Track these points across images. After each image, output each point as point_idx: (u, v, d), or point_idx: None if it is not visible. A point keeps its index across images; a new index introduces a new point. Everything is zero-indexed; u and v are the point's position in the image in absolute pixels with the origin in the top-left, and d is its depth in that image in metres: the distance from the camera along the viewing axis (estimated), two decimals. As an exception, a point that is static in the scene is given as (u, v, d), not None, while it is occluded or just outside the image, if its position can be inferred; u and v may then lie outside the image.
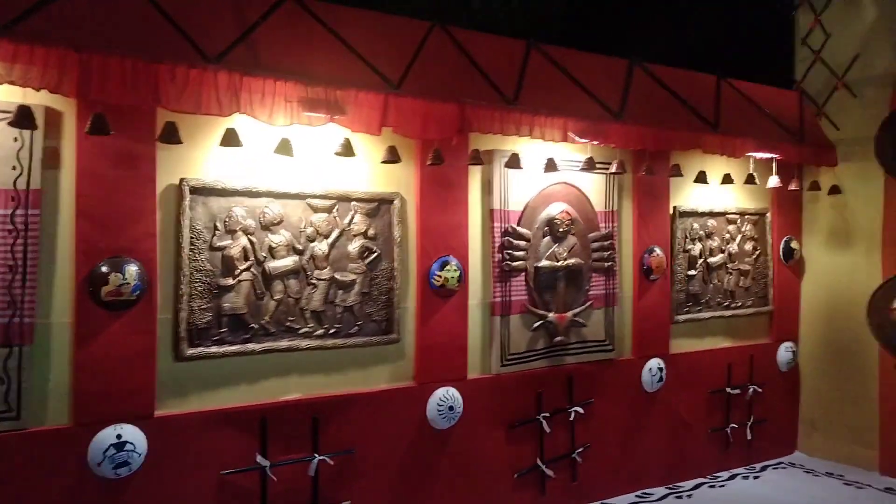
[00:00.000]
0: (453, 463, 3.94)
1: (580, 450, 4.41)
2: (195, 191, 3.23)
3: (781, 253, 5.50)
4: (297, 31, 3.34)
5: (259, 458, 3.30)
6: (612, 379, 4.62)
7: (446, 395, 3.85)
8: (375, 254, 3.73)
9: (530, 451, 4.24)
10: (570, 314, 4.40)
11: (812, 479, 5.08)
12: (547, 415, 4.25)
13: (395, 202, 3.79)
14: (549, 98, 4.04)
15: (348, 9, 3.62)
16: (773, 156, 5.03)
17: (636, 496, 4.67)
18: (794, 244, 5.55)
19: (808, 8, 5.61)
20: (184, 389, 3.23)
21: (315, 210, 3.58)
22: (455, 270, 3.91)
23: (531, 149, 4.17)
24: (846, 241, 5.38)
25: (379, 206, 3.76)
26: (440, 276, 3.87)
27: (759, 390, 5.31)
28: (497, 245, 4.15)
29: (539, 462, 4.24)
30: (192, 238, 3.23)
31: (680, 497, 4.70)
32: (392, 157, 3.60)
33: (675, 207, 4.94)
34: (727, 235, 5.25)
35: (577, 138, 4.06)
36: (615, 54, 4.61)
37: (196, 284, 3.24)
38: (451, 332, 3.95)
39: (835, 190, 5.38)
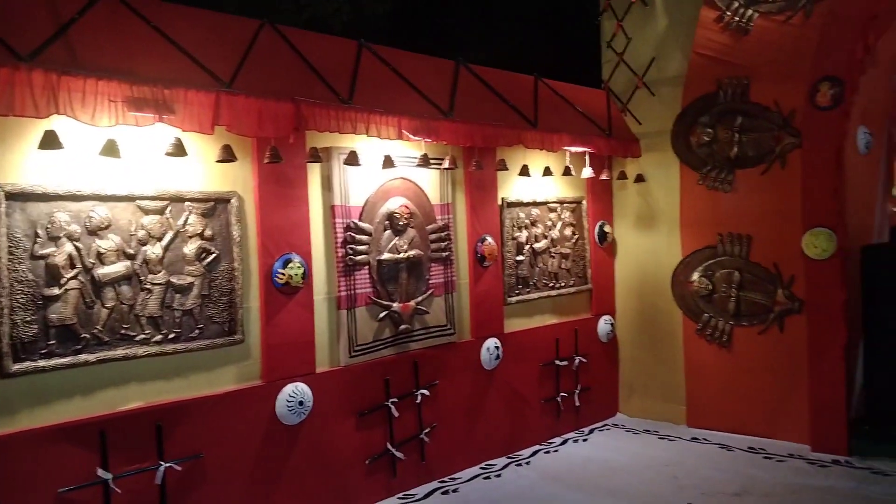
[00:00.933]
0: (306, 456, 4.01)
1: (427, 430, 4.65)
2: (12, 196, 3.04)
3: (596, 236, 6.07)
4: (120, 28, 3.23)
5: (100, 472, 3.18)
6: (454, 360, 4.90)
7: (296, 391, 3.91)
8: (214, 255, 3.70)
9: (381, 436, 4.41)
10: (413, 303, 4.61)
11: (633, 437, 5.69)
12: (395, 400, 4.44)
13: (232, 201, 3.77)
14: (383, 97, 4.20)
15: (174, 6, 3.54)
16: (586, 149, 5.54)
17: (480, 468, 4.99)
18: (607, 228, 6.14)
19: (612, 14, 6.21)
20: (11, 407, 3.04)
21: (146, 212, 3.48)
22: (299, 267, 3.96)
23: (369, 145, 4.31)
24: (651, 224, 6.04)
25: (215, 205, 3.72)
26: (284, 274, 3.90)
27: (584, 361, 5.84)
28: (340, 240, 4.25)
29: (389, 446, 4.42)
30: (10, 247, 3.03)
31: (519, 465, 5.10)
32: (227, 155, 3.58)
33: (502, 199, 5.30)
34: (549, 222, 5.71)
35: (410, 136, 4.25)
36: (441, 55, 4.86)
37: (18, 296, 3.05)
38: (297, 329, 4.01)
39: (640, 178, 6.03)
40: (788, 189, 5.19)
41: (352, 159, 4.11)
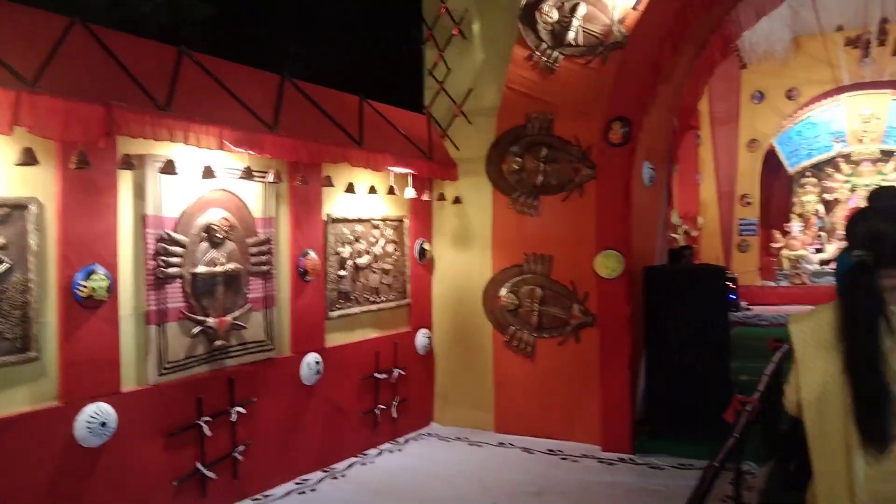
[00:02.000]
0: (107, 480, 3.76)
1: (241, 448, 4.55)
2: None
3: (416, 253, 6.32)
4: None
5: None
6: (272, 376, 4.85)
7: (98, 412, 3.67)
8: (5, 265, 3.40)
9: (191, 456, 4.25)
10: (230, 318, 4.51)
11: (445, 445, 5.97)
12: (208, 419, 4.30)
13: (30, 208, 3.49)
14: (204, 106, 4.11)
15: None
16: (409, 170, 5.78)
17: (295, 483, 4.97)
18: (426, 246, 6.42)
19: (434, 44, 6.54)
20: None
21: (-74, 216, 3.13)
22: (103, 280, 3.74)
23: (188, 154, 4.18)
24: (466, 243, 6.40)
25: (11, 212, 3.43)
26: (85, 287, 3.67)
27: (403, 373, 6.04)
28: (151, 252, 4.07)
29: (199, 466, 4.27)
30: None
31: (335, 478, 5.14)
32: (28, 159, 3.32)
33: (328, 214, 5.36)
34: (372, 239, 5.86)
35: (232, 147, 4.20)
36: (263, 67, 4.84)
37: None
38: (100, 345, 3.77)
39: (457, 200, 6.38)
40: (585, 215, 5.77)
41: (168, 168, 3.97)
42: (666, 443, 5.56)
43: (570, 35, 5.86)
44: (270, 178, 4.63)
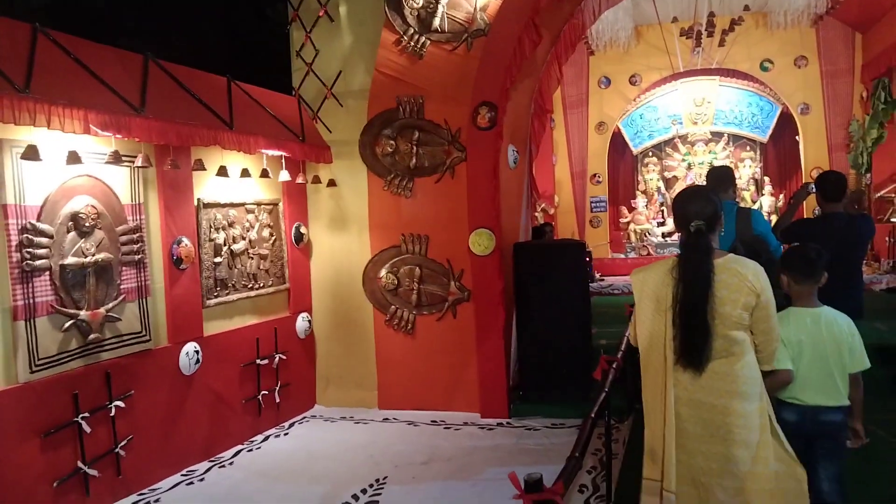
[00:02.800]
0: (-23, 488, 3.54)
1: (123, 443, 4.40)
2: None
3: (293, 237, 6.30)
4: None
5: None
6: (150, 368, 4.70)
7: (-38, 415, 3.43)
8: None
9: (71, 455, 4.06)
10: (103, 310, 4.32)
11: (330, 425, 6.05)
12: (86, 415, 4.12)
13: None
14: (66, 88, 3.89)
15: None
16: (282, 153, 5.74)
17: (182, 475, 4.87)
18: (302, 229, 6.41)
19: (301, 25, 6.49)
20: None
21: None
22: (-38, 274, 3.48)
23: (50, 139, 3.94)
24: (343, 225, 6.46)
25: None
26: (-58, 283, 3.40)
27: (284, 358, 6.03)
28: (14, 244, 3.82)
29: (80, 464, 4.09)
30: None
31: (223, 466, 5.09)
32: None
33: (199, 199, 5.23)
34: (247, 224, 5.78)
35: (99, 131, 4.01)
36: (122, 46, 4.62)
37: None
38: (-39, 345, 3.52)
39: (332, 183, 6.41)
40: (457, 196, 6.02)
41: (31, 154, 3.74)
42: (538, 406, 5.97)
43: (436, 21, 6.03)
44: (139, 162, 4.45)
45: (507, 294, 6.03)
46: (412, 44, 6.09)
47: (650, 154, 12.91)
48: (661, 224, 12.25)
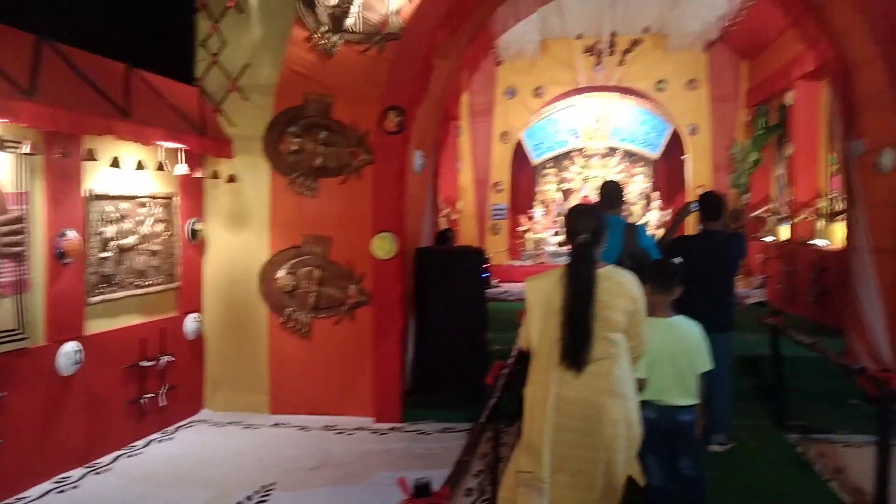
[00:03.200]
0: None
1: (-10, 449, 4.11)
2: None
3: (188, 233, 6.06)
4: None
5: None
6: (26, 368, 4.40)
7: None
8: None
9: (-73, 463, 3.75)
10: (-28, 305, 4.01)
11: (218, 430, 5.86)
12: (-52, 419, 3.82)
13: None
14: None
15: None
16: (180, 145, 5.52)
17: (54, 482, 4.58)
18: (198, 225, 6.18)
19: (207, 14, 6.26)
20: None
21: None
22: None
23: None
24: (242, 223, 6.28)
25: None
26: None
27: (171, 359, 5.78)
28: None
29: (-60, 473, 3.79)
30: None
31: (100, 473, 4.83)
32: None
33: (89, 191, 4.94)
34: (139, 218, 5.51)
35: (-19, 114, 3.72)
36: (18, 26, 4.32)
37: None
38: None
39: (232, 179, 6.21)
40: (362, 198, 5.99)
41: None
42: (432, 410, 6.02)
43: (349, 21, 5.98)
44: (25, 149, 4.16)
45: (406, 298, 6.07)
46: (323, 42, 6.02)
47: (550, 165, 13.36)
48: (557, 234, 12.70)
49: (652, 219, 12.49)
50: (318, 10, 5.99)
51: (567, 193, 13.24)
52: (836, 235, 8.22)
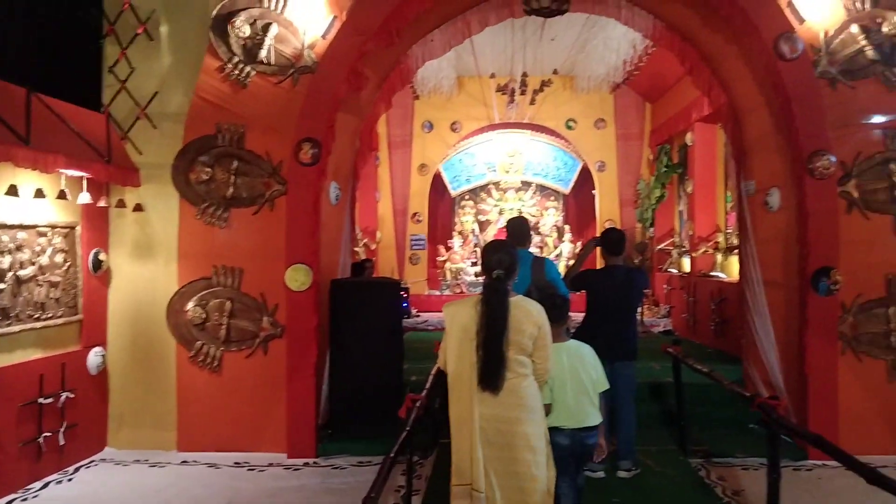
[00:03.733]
0: None
1: None
2: None
3: (90, 265, 5.84)
4: None
5: None
6: None
7: None
8: None
9: None
10: None
11: (122, 469, 5.61)
12: None
13: None
14: None
15: None
16: (84, 174, 5.34)
17: (-66, 533, 4.29)
18: (102, 256, 5.96)
19: (116, 40, 6.12)
20: None
21: None
22: None
23: None
24: (149, 254, 6.10)
25: None
26: None
27: (72, 396, 5.52)
28: None
29: None
30: None
31: (-12, 520, 4.55)
32: None
33: (-18, 219, 4.72)
34: (38, 248, 5.28)
35: None
36: None
37: None
38: None
39: (139, 208, 6.05)
40: (275, 229, 5.95)
41: None
42: (346, 444, 5.98)
43: (263, 53, 5.96)
44: None
45: (321, 331, 6.03)
46: (236, 72, 5.98)
47: (467, 197, 13.61)
48: (475, 264, 12.91)
49: (565, 250, 12.88)
50: (231, 41, 5.96)
51: (484, 225, 13.51)
52: (732, 268, 8.73)
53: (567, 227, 13.31)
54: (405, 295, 10.67)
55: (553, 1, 6.27)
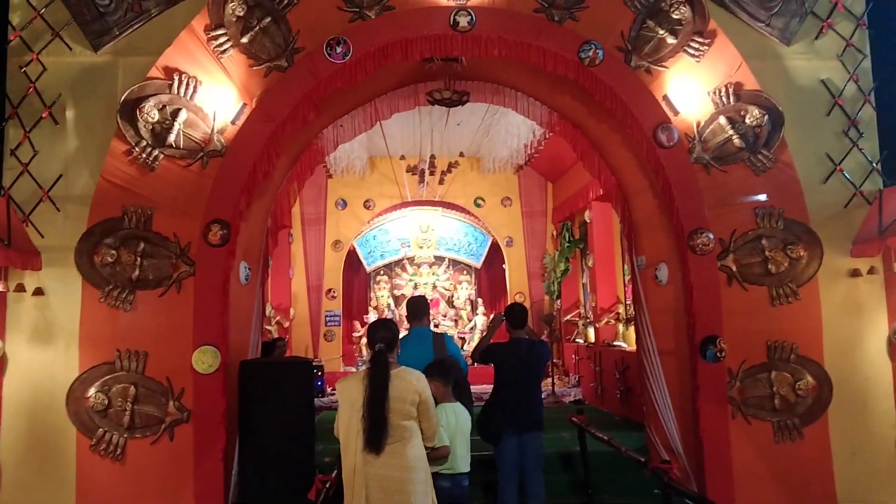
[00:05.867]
0: None
1: None
2: None
3: (-17, 352, 5.61)
4: None
5: None
6: None
7: None
8: None
9: None
10: None
11: (8, 572, 5.26)
12: None
13: None
14: None
15: None
16: (-19, 258, 5.21)
17: None
18: (-2, 343, 5.75)
19: (19, 123, 6.09)
20: None
21: None
22: None
23: None
24: (48, 339, 5.90)
25: None
26: None
27: (-45, 494, 5.20)
28: None
29: None
30: None
31: None
32: None
33: None
34: (-75, 336, 5.06)
35: None
36: None
37: None
38: None
39: (39, 292, 5.89)
40: (183, 311, 5.89)
41: None
42: (256, 529, 5.83)
43: (172, 137, 6.02)
44: None
45: (230, 413, 5.94)
46: (144, 155, 6.01)
47: (382, 272, 13.79)
48: (389, 339, 12.95)
49: (478, 323, 13.16)
50: (139, 125, 6.01)
51: (399, 299, 13.66)
52: (633, 338, 9.19)
53: (480, 301, 13.66)
54: (319, 373, 10.57)
55: (454, 93, 6.73)
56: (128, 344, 5.87)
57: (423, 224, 13.49)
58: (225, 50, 6.15)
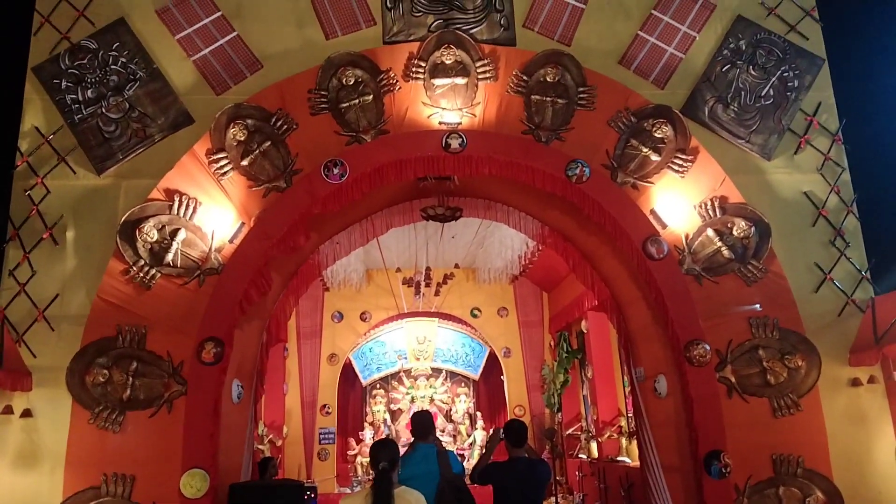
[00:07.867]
0: None
1: None
2: None
3: (-35, 478, 5.43)
4: None
5: None
6: None
7: None
8: None
9: None
10: None
11: None
12: None
13: None
14: None
15: None
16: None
17: None
18: (-21, 467, 5.57)
19: (19, 244, 6.20)
20: None
21: None
22: None
23: None
24: (33, 462, 5.73)
25: None
26: None
27: None
28: None
29: None
30: None
31: None
32: None
33: None
34: None
35: None
36: None
37: None
38: None
39: (27, 413, 5.78)
40: (173, 432, 5.76)
41: None
42: None
43: (169, 256, 6.13)
44: None
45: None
46: (141, 275, 6.08)
47: (378, 386, 13.56)
48: (386, 456, 12.56)
49: (477, 439, 12.79)
50: (138, 245, 6.12)
51: (396, 414, 13.34)
52: (636, 453, 8.94)
53: (479, 414, 13.35)
54: (312, 495, 10.15)
55: (447, 209, 6.91)
56: (115, 467, 5.70)
57: (419, 335, 13.41)
58: (225, 172, 6.37)
